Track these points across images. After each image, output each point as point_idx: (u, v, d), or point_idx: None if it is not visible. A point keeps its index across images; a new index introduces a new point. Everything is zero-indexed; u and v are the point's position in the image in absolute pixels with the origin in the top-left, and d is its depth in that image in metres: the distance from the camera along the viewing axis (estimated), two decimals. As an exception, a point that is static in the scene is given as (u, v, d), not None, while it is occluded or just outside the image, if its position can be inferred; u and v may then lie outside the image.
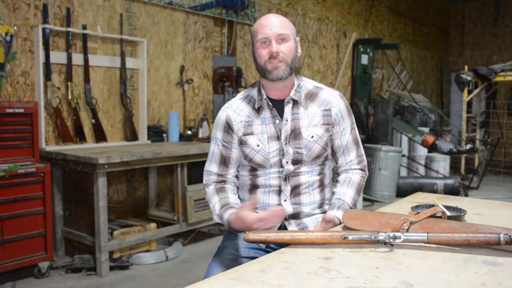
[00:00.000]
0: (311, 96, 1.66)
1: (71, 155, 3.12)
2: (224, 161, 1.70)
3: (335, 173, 1.77)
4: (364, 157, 1.75)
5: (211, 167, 1.72)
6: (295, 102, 1.64)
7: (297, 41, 1.64)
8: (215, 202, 1.66)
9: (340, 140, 1.68)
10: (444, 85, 9.84)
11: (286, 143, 1.62)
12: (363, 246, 1.25)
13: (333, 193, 1.71)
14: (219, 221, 1.64)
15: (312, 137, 1.62)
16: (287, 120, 1.63)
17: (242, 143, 1.66)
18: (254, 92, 1.69)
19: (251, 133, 1.65)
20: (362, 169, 1.73)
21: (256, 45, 1.60)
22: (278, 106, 1.64)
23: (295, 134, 1.62)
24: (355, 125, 1.73)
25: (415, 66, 8.87)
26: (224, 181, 1.72)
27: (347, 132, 1.68)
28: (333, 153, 1.71)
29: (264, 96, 1.64)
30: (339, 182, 1.70)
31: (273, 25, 1.57)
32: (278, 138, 1.63)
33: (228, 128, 1.68)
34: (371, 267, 1.11)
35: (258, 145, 1.63)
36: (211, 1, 4.63)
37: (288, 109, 1.63)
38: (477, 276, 1.05)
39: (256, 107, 1.65)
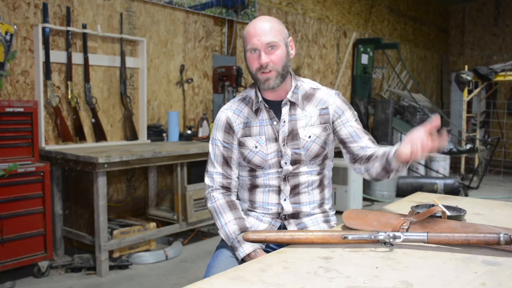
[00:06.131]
0: (308, 97, 1.66)
1: (71, 155, 3.12)
2: (227, 162, 1.68)
3: (355, 160, 1.62)
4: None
5: (215, 168, 1.68)
6: (292, 104, 1.64)
7: (289, 42, 1.61)
8: (228, 220, 1.59)
9: (346, 129, 1.62)
10: (444, 85, 9.84)
11: (284, 144, 1.62)
12: (363, 246, 1.25)
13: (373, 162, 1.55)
14: (228, 239, 1.57)
15: (310, 137, 1.62)
16: (284, 122, 1.62)
17: (240, 144, 1.66)
18: (252, 93, 1.68)
19: (249, 135, 1.64)
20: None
21: (247, 53, 1.60)
22: (275, 107, 1.64)
23: (293, 135, 1.62)
24: (357, 118, 1.68)
25: (415, 65, 8.87)
26: (230, 188, 1.68)
27: (351, 121, 1.63)
28: (344, 145, 1.64)
29: (260, 99, 1.64)
30: (372, 155, 1.55)
31: (261, 33, 1.54)
32: (276, 139, 1.62)
33: (229, 129, 1.67)
34: (371, 267, 1.11)
35: (256, 147, 1.63)
36: (211, 0, 4.63)
37: (285, 110, 1.63)
38: (477, 276, 1.05)
39: (253, 109, 1.65)
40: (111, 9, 3.83)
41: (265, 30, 1.54)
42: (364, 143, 1.61)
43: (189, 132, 4.24)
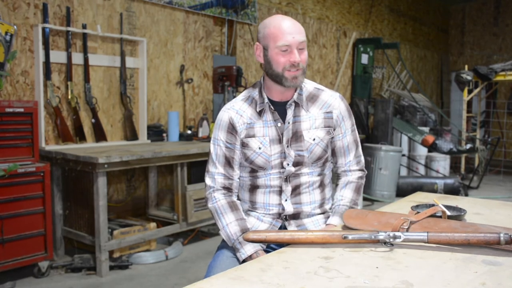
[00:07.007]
0: (312, 98, 1.66)
1: (71, 155, 3.12)
2: (229, 163, 1.66)
3: (335, 173, 1.77)
4: (362, 157, 1.76)
5: (217, 169, 1.66)
6: (297, 105, 1.64)
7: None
8: (230, 221, 1.59)
9: (341, 142, 1.68)
10: (444, 85, 9.84)
11: (288, 146, 1.61)
12: (363, 246, 1.25)
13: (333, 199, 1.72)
14: (229, 240, 1.58)
15: (314, 139, 1.62)
16: (289, 123, 1.62)
17: (243, 145, 1.65)
18: (255, 93, 1.67)
19: (253, 136, 1.63)
20: (360, 169, 1.74)
21: (273, 50, 1.56)
22: (279, 108, 1.63)
23: (297, 136, 1.62)
24: (355, 126, 1.74)
25: (415, 65, 8.87)
26: (231, 189, 1.67)
27: (348, 134, 1.69)
28: (333, 154, 1.71)
29: (266, 100, 1.63)
30: (338, 186, 1.73)
31: (294, 32, 1.54)
32: (280, 141, 1.62)
33: (232, 129, 1.65)
34: (371, 267, 1.11)
35: (260, 148, 1.62)
36: (211, 0, 4.63)
37: (290, 112, 1.63)
38: (477, 276, 1.05)
39: (258, 110, 1.64)
40: (111, 9, 3.83)
41: (297, 30, 1.56)
42: (349, 158, 1.71)
43: (189, 132, 4.24)
